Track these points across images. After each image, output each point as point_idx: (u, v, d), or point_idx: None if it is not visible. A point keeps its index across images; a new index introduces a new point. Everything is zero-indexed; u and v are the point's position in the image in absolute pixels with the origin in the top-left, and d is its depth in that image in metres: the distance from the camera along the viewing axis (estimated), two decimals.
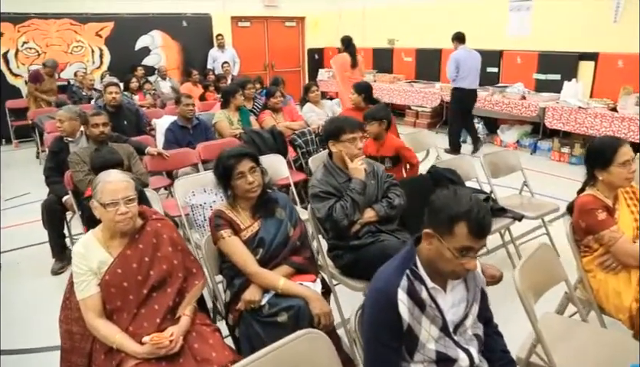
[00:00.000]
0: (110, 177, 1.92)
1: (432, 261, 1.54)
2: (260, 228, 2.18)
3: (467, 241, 1.45)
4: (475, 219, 1.45)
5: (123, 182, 1.91)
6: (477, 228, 1.45)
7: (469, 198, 1.51)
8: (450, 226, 1.46)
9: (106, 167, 2.73)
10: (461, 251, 1.46)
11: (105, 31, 9.07)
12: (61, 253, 3.79)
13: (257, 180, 2.16)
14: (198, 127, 4.60)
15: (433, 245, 1.52)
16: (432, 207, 1.54)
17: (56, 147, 3.88)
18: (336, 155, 2.67)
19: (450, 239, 1.47)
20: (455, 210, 1.46)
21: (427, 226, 1.54)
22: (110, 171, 1.98)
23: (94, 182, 1.93)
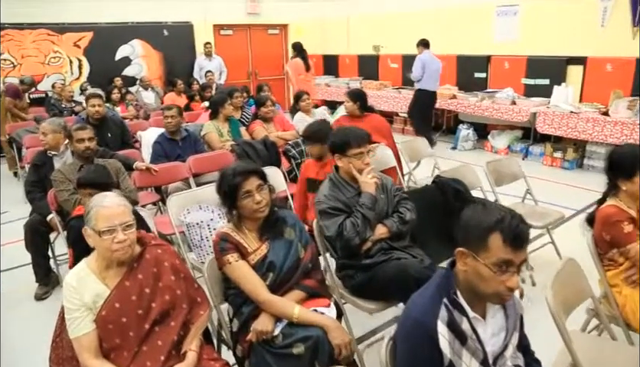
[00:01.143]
0: (105, 201, 1.73)
1: (470, 285, 1.40)
2: (269, 250, 2.01)
3: (503, 254, 1.32)
4: (509, 227, 1.32)
5: (120, 206, 1.72)
6: (512, 237, 1.32)
7: (500, 208, 1.38)
8: (483, 240, 1.34)
9: (92, 187, 2.55)
10: (499, 267, 1.32)
11: (83, 41, 8.80)
12: (46, 277, 3.55)
13: (265, 198, 1.99)
14: (187, 139, 4.39)
15: (469, 264, 1.38)
16: (462, 224, 1.42)
17: (38, 160, 3.66)
18: (342, 169, 2.51)
19: (485, 255, 1.33)
20: (487, 221, 1.34)
21: (459, 246, 1.40)
22: (105, 194, 1.79)
23: (87, 207, 1.74)
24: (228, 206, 1.99)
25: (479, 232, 1.34)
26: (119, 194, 1.82)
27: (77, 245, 2.53)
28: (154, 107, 7.74)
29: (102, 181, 2.59)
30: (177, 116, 4.31)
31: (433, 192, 3.16)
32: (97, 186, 2.56)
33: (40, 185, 3.57)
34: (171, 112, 4.31)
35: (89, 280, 1.73)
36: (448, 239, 3.01)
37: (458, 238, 1.43)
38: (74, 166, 3.26)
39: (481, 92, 7.59)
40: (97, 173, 2.63)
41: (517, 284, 1.34)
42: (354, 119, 4.56)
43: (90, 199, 1.76)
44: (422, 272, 2.18)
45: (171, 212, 2.94)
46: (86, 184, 2.58)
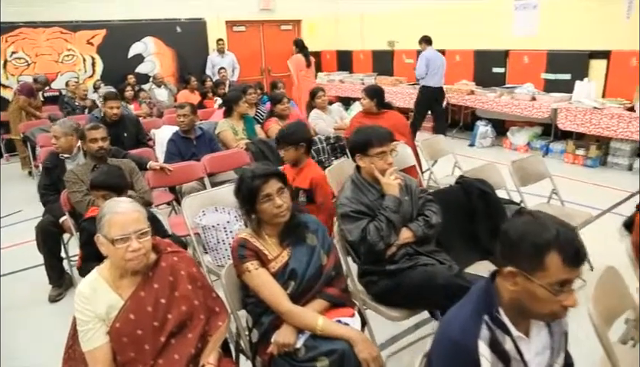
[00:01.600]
0: (119, 207, 1.63)
1: (519, 304, 1.27)
2: (290, 257, 1.90)
3: (563, 274, 1.20)
4: (568, 245, 1.20)
5: (134, 212, 1.62)
6: (573, 255, 1.20)
7: (552, 221, 1.25)
8: (539, 259, 1.20)
9: (106, 189, 2.46)
10: (557, 287, 1.20)
11: (96, 39, 8.76)
12: (59, 279, 3.49)
13: (286, 202, 1.88)
14: (202, 137, 4.30)
15: (519, 285, 1.24)
16: (509, 240, 1.27)
17: (50, 163, 3.59)
18: (364, 170, 2.40)
19: (542, 275, 1.20)
20: (542, 238, 1.21)
21: (506, 263, 1.27)
22: (119, 200, 1.69)
23: (99, 213, 1.64)
24: (247, 210, 1.89)
25: (533, 250, 1.21)
26: (133, 199, 1.71)
27: (87, 248, 2.46)
28: (167, 104, 7.68)
29: (115, 183, 2.51)
30: (191, 114, 4.21)
31: (457, 193, 3.03)
32: (110, 189, 2.48)
33: (54, 188, 3.51)
34: (183, 110, 4.21)
35: (102, 290, 1.64)
36: (474, 242, 2.94)
37: (501, 253, 1.30)
38: (87, 166, 3.18)
39: (499, 88, 7.42)
40: (110, 175, 2.55)
41: (576, 303, 1.22)
42: (371, 116, 4.44)
43: (103, 205, 1.66)
44: (450, 280, 2.06)
45: (186, 213, 2.85)
46: (99, 186, 2.50)
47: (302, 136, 3.02)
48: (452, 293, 2.05)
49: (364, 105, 4.45)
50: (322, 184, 3.07)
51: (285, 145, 3.02)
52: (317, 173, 3.09)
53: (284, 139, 3.03)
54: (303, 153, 3.06)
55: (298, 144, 2.98)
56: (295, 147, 2.98)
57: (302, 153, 3.05)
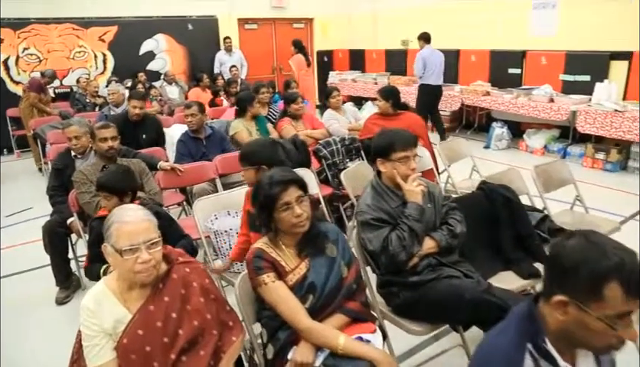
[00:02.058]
0: (127, 215, 1.53)
1: (569, 335, 1.14)
2: (309, 269, 1.79)
3: (624, 306, 1.07)
4: (632, 274, 1.06)
5: (144, 221, 1.51)
6: (636, 286, 1.06)
7: (611, 245, 1.12)
8: (597, 289, 1.07)
9: (111, 192, 2.37)
10: (617, 319, 1.07)
11: (108, 36, 8.71)
12: (66, 281, 3.41)
13: (306, 211, 1.76)
14: (212, 137, 4.19)
15: (571, 315, 1.11)
16: (561, 266, 1.13)
17: (61, 164, 3.49)
18: (386, 175, 2.28)
19: (599, 306, 1.07)
20: (601, 266, 1.07)
21: (556, 290, 1.13)
22: (127, 207, 1.59)
23: (106, 221, 1.54)
24: (264, 218, 1.78)
25: (591, 279, 1.08)
26: (143, 206, 1.60)
27: (94, 248, 2.37)
28: (178, 102, 7.59)
29: (119, 187, 2.42)
30: (199, 114, 4.10)
31: (480, 200, 2.89)
32: (113, 192, 2.39)
33: (63, 189, 3.42)
34: (191, 109, 4.09)
35: (109, 303, 1.54)
36: (497, 252, 2.80)
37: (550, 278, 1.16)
38: (96, 166, 3.09)
39: (516, 89, 7.25)
40: (117, 177, 2.44)
41: (636, 336, 1.09)
42: (387, 118, 4.32)
43: (111, 213, 1.56)
44: (479, 296, 1.94)
45: (198, 217, 2.74)
46: (102, 187, 2.40)
47: (264, 157, 2.50)
48: (480, 310, 1.94)
49: (380, 106, 4.33)
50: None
51: (244, 164, 2.56)
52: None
53: (243, 157, 2.57)
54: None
55: (259, 165, 2.48)
56: (256, 169, 2.49)
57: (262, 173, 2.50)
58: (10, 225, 4.98)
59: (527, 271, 2.59)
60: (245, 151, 2.59)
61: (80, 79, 7.93)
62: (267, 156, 2.50)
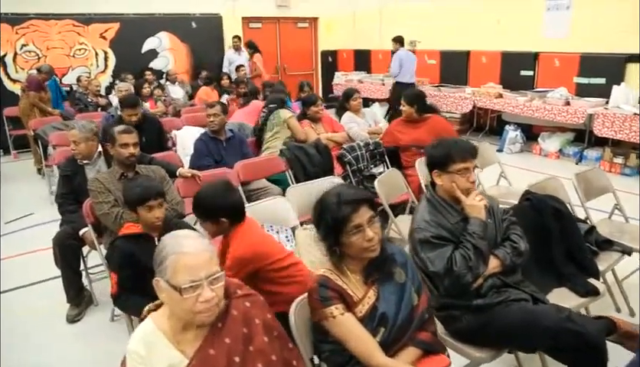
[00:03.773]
0: (186, 245, 1.30)
1: None
2: (378, 298, 1.59)
3: None
4: None
5: (205, 252, 1.30)
6: None
7: None
8: None
9: (145, 200, 2.15)
10: None
11: (110, 33, 8.45)
12: (77, 297, 3.16)
13: (378, 234, 1.57)
14: (232, 141, 3.96)
15: None
16: None
17: (69, 171, 3.24)
18: (442, 188, 2.08)
19: None
20: None
21: None
22: (181, 234, 1.36)
23: (159, 251, 1.32)
24: (330, 243, 1.57)
25: None
26: (199, 233, 1.38)
27: (123, 271, 2.16)
28: (184, 103, 7.36)
29: (154, 194, 2.22)
30: (221, 114, 3.89)
31: (527, 211, 2.71)
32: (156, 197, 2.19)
33: (72, 197, 3.19)
34: (214, 109, 3.88)
35: (161, 347, 1.32)
36: (548, 268, 2.63)
37: None
38: (114, 174, 2.86)
39: (530, 92, 7.10)
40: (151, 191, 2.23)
41: None
42: (412, 123, 4.14)
43: (162, 241, 1.34)
44: (561, 324, 1.75)
45: None
46: (136, 202, 2.18)
47: (219, 205, 2.11)
48: (560, 338, 1.76)
49: (405, 111, 4.13)
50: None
51: (202, 218, 2.18)
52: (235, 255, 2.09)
53: (201, 208, 2.17)
54: (228, 226, 2.14)
55: (218, 216, 2.11)
56: (215, 221, 2.12)
57: (226, 227, 2.14)
58: (11, 233, 4.71)
59: (583, 288, 2.42)
60: (199, 198, 2.17)
61: (81, 77, 7.68)
62: (221, 204, 2.11)
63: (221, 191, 2.15)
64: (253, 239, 2.14)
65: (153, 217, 2.23)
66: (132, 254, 2.16)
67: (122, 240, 2.23)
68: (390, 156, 4.22)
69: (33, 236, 4.52)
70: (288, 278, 2.11)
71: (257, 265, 2.07)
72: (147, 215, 2.23)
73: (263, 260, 2.08)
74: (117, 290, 2.18)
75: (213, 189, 2.17)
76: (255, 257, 2.07)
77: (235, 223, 2.14)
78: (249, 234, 2.15)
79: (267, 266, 2.09)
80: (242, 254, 2.05)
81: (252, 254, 2.06)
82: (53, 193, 5.25)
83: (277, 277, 2.08)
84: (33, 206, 5.33)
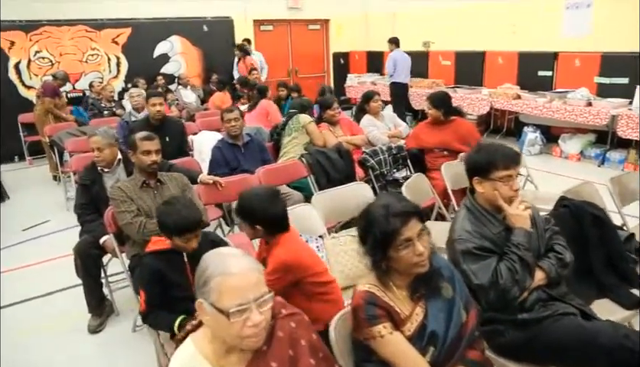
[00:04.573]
0: (232, 265, 1.20)
1: None
2: (426, 315, 1.50)
3: None
4: None
5: (253, 272, 1.20)
6: None
7: None
8: None
9: (184, 232, 2.06)
10: None
11: (122, 38, 8.43)
12: (99, 307, 3.10)
13: (427, 248, 1.47)
14: (250, 145, 3.88)
15: None
16: None
17: (87, 180, 3.16)
18: (483, 196, 1.98)
19: None
20: None
21: None
22: (225, 253, 1.26)
23: (202, 271, 1.22)
24: (378, 257, 1.48)
25: None
26: (244, 252, 1.29)
27: (152, 289, 2.07)
28: (197, 108, 7.30)
29: (198, 222, 2.13)
30: (240, 118, 3.82)
31: (566, 218, 2.59)
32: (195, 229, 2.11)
33: (92, 206, 3.12)
34: (233, 114, 3.81)
35: None
36: (588, 277, 2.51)
37: None
38: (136, 182, 2.78)
39: (550, 93, 6.95)
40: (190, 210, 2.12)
41: None
42: (437, 126, 4.03)
43: (204, 260, 1.24)
44: (619, 342, 1.64)
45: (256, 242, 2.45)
46: (182, 230, 2.08)
47: (257, 214, 2.06)
48: (617, 357, 1.65)
49: (431, 114, 4.03)
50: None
51: (243, 220, 2.16)
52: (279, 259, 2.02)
53: (238, 212, 2.17)
54: (264, 234, 2.11)
55: (251, 223, 2.09)
56: (251, 226, 2.10)
57: (260, 234, 2.12)
58: (27, 241, 4.65)
59: (627, 299, 2.31)
60: (239, 204, 2.15)
61: (93, 83, 7.65)
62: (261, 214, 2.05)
63: (262, 200, 2.07)
64: (298, 247, 2.10)
65: (189, 247, 2.11)
66: (160, 272, 2.08)
67: (150, 257, 2.14)
68: (412, 160, 4.12)
69: (51, 244, 4.47)
70: (324, 296, 2.03)
71: (299, 275, 2.00)
72: (182, 244, 2.11)
73: (306, 271, 2.01)
74: (146, 308, 2.09)
75: (256, 196, 2.10)
76: (299, 265, 2.00)
77: (274, 232, 2.07)
78: (295, 242, 2.10)
79: (307, 278, 2.01)
80: (285, 260, 1.98)
81: (296, 262, 2.00)
82: (69, 200, 5.25)
83: (314, 292, 1.99)
84: (49, 213, 5.29)
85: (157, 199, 2.76)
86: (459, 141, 3.94)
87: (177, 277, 2.08)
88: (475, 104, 7.76)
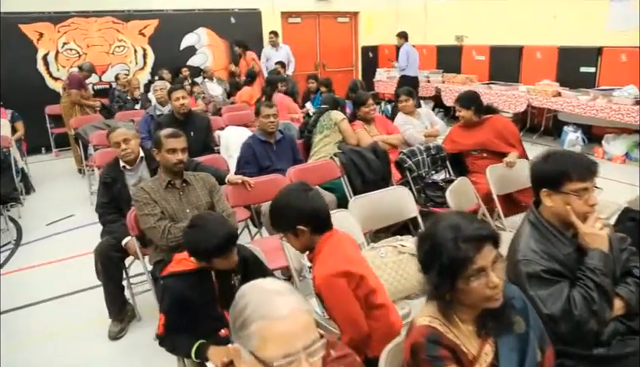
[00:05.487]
0: (278, 306, 0.98)
1: None
2: (497, 355, 1.27)
3: None
4: None
5: (302, 314, 0.98)
6: None
7: None
8: None
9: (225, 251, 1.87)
10: None
11: (149, 29, 8.32)
12: (120, 312, 2.94)
13: (502, 278, 1.24)
14: (282, 143, 3.67)
15: None
16: None
17: (109, 178, 2.99)
18: (552, 210, 1.73)
19: None
20: None
21: None
22: (272, 290, 1.02)
23: (238, 313, 1.01)
24: (445, 288, 1.25)
25: None
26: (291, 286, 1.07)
27: (173, 314, 1.88)
28: (224, 101, 7.13)
29: (235, 235, 1.96)
30: (277, 114, 3.63)
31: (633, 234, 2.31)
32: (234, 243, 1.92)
33: (113, 205, 2.96)
34: (273, 109, 3.59)
35: None
36: None
37: None
38: (160, 182, 2.60)
39: (593, 90, 6.57)
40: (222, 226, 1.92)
41: None
42: (471, 127, 3.77)
43: (242, 297, 1.02)
44: None
45: (290, 251, 2.24)
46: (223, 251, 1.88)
47: (297, 209, 1.76)
48: None
49: (463, 117, 3.76)
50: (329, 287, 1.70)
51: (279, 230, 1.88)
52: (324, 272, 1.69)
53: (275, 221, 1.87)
54: (310, 235, 1.77)
55: (293, 227, 1.77)
56: (293, 232, 1.78)
57: (308, 237, 1.78)
58: (49, 236, 4.56)
59: None
60: (274, 211, 1.85)
61: (119, 75, 7.57)
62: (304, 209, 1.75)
63: (297, 193, 1.80)
64: (347, 253, 1.78)
65: (229, 265, 1.91)
66: (185, 298, 1.89)
67: (173, 280, 1.93)
68: (451, 160, 3.87)
69: (72, 240, 4.36)
70: (376, 321, 1.74)
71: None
72: (222, 263, 1.89)
73: (359, 288, 1.71)
74: (163, 332, 1.91)
75: (287, 193, 1.83)
76: (347, 277, 1.68)
77: (320, 231, 1.77)
78: (343, 247, 1.79)
79: (358, 294, 1.71)
80: (332, 270, 1.66)
81: (343, 272, 1.67)
82: (93, 194, 5.14)
83: (366, 314, 1.73)
84: (73, 207, 5.20)
85: (182, 201, 2.58)
86: (498, 139, 3.67)
87: (204, 299, 1.89)
88: (511, 101, 7.41)
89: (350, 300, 1.63)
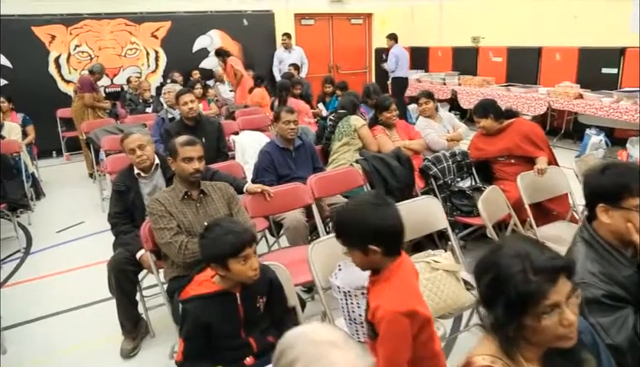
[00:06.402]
0: (336, 362, 0.83)
1: None
2: None
3: None
4: None
5: (358, 360, 0.84)
6: None
7: None
8: None
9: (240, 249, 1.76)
10: None
11: (161, 32, 8.23)
12: (134, 329, 2.80)
13: (576, 313, 1.08)
14: (301, 150, 3.52)
15: None
16: None
17: (123, 186, 2.85)
18: (608, 227, 1.57)
19: None
20: None
21: None
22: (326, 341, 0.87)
23: (284, 356, 0.86)
24: (511, 327, 1.09)
25: None
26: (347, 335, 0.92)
27: (193, 341, 1.74)
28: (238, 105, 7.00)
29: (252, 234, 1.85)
30: (298, 121, 3.48)
31: None
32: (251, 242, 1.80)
33: (127, 215, 2.82)
34: (294, 116, 3.42)
35: None
36: None
37: None
38: (177, 193, 2.46)
39: (617, 92, 6.36)
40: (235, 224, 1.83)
41: None
42: (495, 134, 3.61)
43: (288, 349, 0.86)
44: None
45: (316, 266, 2.09)
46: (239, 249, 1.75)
47: (372, 225, 1.50)
48: None
49: (484, 127, 3.61)
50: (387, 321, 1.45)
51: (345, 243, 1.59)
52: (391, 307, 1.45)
53: (339, 233, 1.62)
54: (382, 255, 1.51)
55: (363, 244, 1.50)
56: (363, 250, 1.51)
57: (378, 259, 1.52)
58: (58, 245, 4.44)
59: None
60: (343, 223, 1.61)
61: (131, 78, 7.48)
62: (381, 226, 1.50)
63: (374, 207, 1.54)
64: (417, 289, 1.59)
65: (250, 270, 1.77)
66: (206, 324, 1.75)
67: (194, 304, 1.79)
68: (477, 167, 3.71)
69: (82, 249, 4.25)
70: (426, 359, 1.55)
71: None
72: (241, 268, 1.76)
73: (422, 332, 1.50)
74: (182, 359, 1.76)
75: (364, 206, 1.57)
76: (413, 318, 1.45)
77: (391, 255, 1.53)
78: (412, 279, 1.59)
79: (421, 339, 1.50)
80: (401, 307, 1.43)
81: (411, 312, 1.44)
82: (105, 200, 5.03)
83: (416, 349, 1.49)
84: (84, 213, 5.10)
85: (200, 212, 2.44)
86: (525, 143, 3.51)
87: (228, 324, 1.75)
88: (530, 103, 7.22)
89: (406, 345, 1.44)
